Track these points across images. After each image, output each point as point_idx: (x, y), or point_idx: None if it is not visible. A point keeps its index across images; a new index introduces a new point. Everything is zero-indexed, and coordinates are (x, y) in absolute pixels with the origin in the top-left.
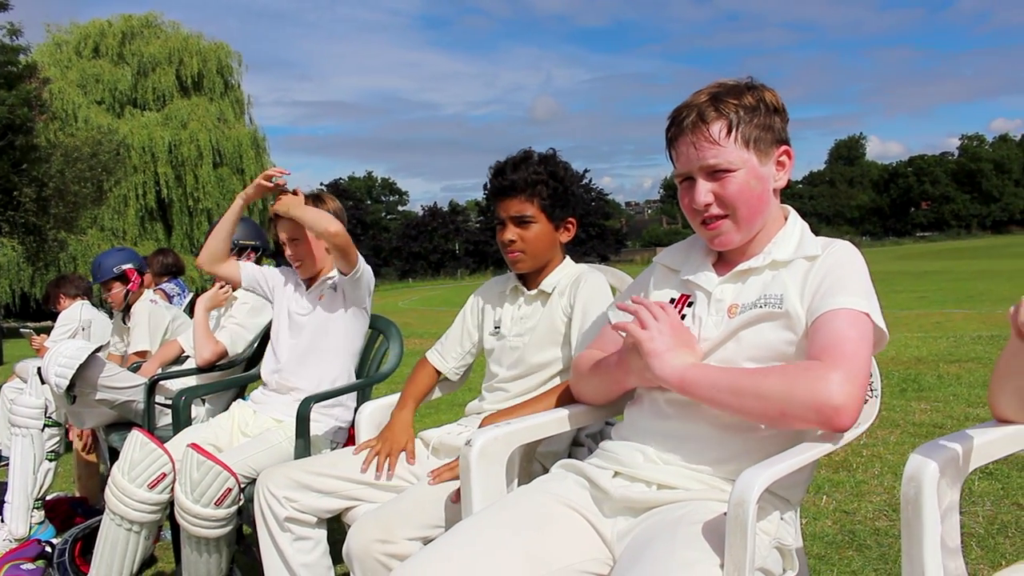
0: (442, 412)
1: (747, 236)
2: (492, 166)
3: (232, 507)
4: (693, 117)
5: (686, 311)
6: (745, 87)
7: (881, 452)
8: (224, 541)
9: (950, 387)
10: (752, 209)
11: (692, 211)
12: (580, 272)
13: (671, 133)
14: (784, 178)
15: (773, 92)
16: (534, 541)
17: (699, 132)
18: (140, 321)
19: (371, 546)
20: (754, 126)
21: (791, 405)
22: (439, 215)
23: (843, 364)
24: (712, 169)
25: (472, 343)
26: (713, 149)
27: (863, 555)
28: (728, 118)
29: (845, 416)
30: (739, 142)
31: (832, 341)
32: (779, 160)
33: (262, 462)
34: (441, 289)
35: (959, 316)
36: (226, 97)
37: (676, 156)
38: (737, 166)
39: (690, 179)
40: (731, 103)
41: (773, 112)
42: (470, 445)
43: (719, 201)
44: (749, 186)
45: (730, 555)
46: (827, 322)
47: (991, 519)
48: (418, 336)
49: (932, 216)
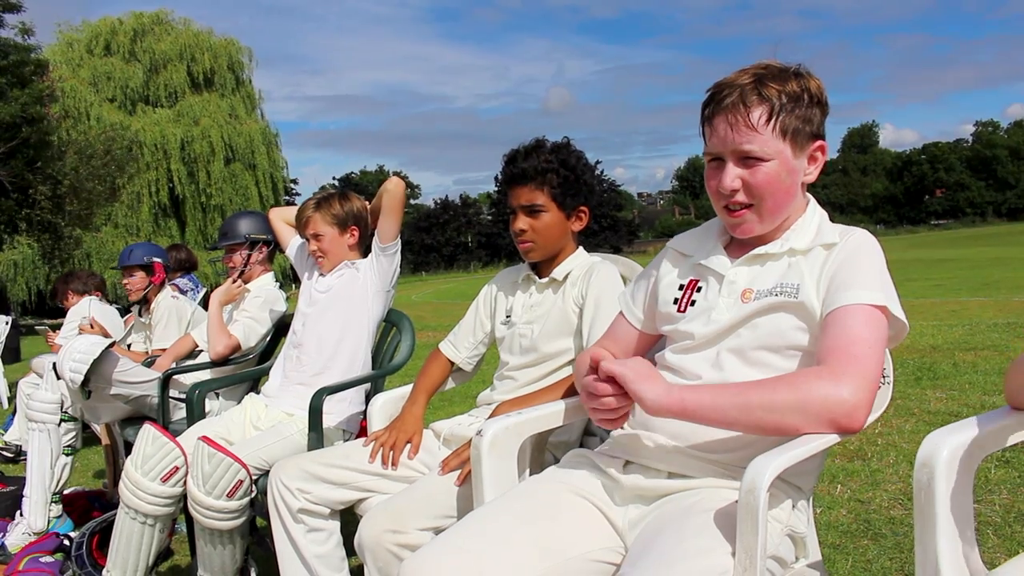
0: (455, 404)
1: (769, 227)
2: (505, 155)
3: (244, 499)
4: (735, 98)
5: (695, 296)
6: (793, 73)
7: (896, 441)
8: (237, 533)
9: (966, 375)
10: (778, 202)
11: (717, 194)
12: (592, 263)
13: (709, 110)
14: (815, 173)
15: (819, 82)
16: (546, 531)
17: (738, 114)
18: (166, 317)
19: (383, 536)
20: (795, 117)
21: (804, 416)
22: (451, 208)
23: (854, 369)
24: (745, 155)
25: (485, 333)
26: (749, 134)
27: (878, 544)
28: (771, 104)
29: (857, 421)
30: (776, 131)
31: (844, 342)
32: (812, 154)
33: (275, 454)
34: (454, 282)
35: (975, 304)
36: (237, 93)
37: (710, 134)
38: (770, 156)
39: (720, 160)
40: (775, 88)
41: (816, 104)
42: (481, 435)
43: (746, 188)
44: (779, 178)
45: (741, 543)
46: (841, 318)
47: (1008, 507)
48: (431, 329)
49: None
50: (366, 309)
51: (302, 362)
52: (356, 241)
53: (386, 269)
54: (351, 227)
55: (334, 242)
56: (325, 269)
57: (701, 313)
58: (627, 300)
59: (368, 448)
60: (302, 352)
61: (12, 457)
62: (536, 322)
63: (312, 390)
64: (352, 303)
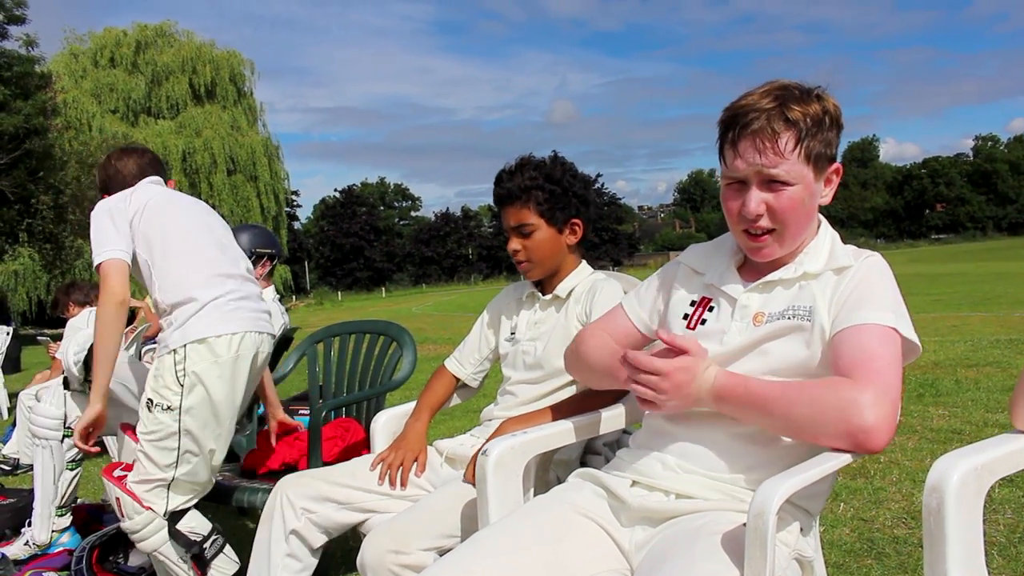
0: (456, 418)
1: (788, 250)
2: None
3: (138, 516)
4: (762, 122)
5: (706, 315)
6: (815, 96)
7: (899, 458)
8: (171, 558)
9: (968, 392)
10: (800, 226)
11: (738, 217)
12: (596, 280)
13: (734, 133)
14: (830, 195)
15: (836, 103)
16: (552, 552)
17: (766, 139)
18: None
19: (385, 557)
20: (818, 141)
21: (823, 430)
22: (452, 220)
23: (874, 385)
24: (771, 179)
25: (490, 349)
26: (778, 160)
27: (882, 564)
28: (798, 130)
29: (877, 440)
30: (802, 156)
31: (862, 358)
32: (828, 177)
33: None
34: (455, 294)
35: (976, 319)
36: (239, 105)
37: (733, 157)
38: (796, 181)
39: (741, 183)
40: (798, 112)
41: (835, 127)
42: (486, 455)
43: (770, 213)
44: (802, 202)
45: (749, 567)
46: (855, 336)
47: (1012, 527)
48: (432, 342)
49: (947, 218)
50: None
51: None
52: (105, 194)
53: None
54: (102, 193)
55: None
56: None
57: (713, 334)
58: (632, 301)
59: (374, 468)
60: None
61: (10, 470)
62: (540, 339)
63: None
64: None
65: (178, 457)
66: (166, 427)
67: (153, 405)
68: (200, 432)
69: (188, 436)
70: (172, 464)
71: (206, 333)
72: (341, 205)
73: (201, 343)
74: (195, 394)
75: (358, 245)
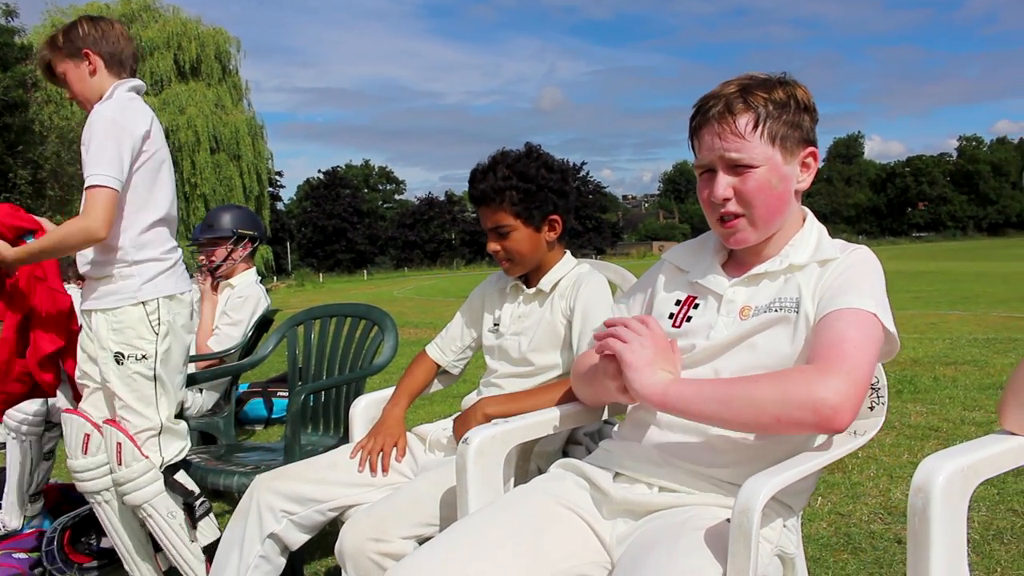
0: (435, 403)
1: (763, 236)
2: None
3: (136, 463)
4: (720, 107)
5: (692, 312)
6: (777, 82)
7: (876, 454)
8: (160, 511)
9: (946, 390)
10: (770, 208)
11: (709, 205)
12: (580, 273)
13: (696, 122)
14: (808, 180)
15: (805, 90)
16: (532, 544)
17: (724, 123)
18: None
19: (365, 545)
20: (782, 123)
21: (786, 407)
22: (436, 205)
23: (840, 363)
24: (734, 163)
25: (472, 338)
26: (737, 142)
27: (858, 558)
28: (756, 112)
29: (842, 416)
30: (764, 138)
31: (832, 340)
32: (804, 161)
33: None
34: (437, 279)
35: (954, 317)
36: (224, 83)
37: (699, 146)
38: (759, 163)
39: (711, 171)
40: (760, 96)
41: (803, 110)
42: (467, 443)
43: (737, 196)
44: (770, 184)
45: (733, 564)
46: (831, 321)
47: (987, 524)
48: (413, 326)
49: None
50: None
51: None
52: (97, 67)
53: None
54: (83, 51)
55: (76, 79)
56: (87, 108)
57: (700, 330)
58: (621, 309)
59: (354, 456)
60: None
61: None
62: (524, 334)
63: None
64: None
65: (157, 403)
66: (142, 376)
67: (125, 357)
68: (169, 379)
69: (160, 383)
70: (154, 411)
71: (175, 290)
72: (325, 187)
73: (171, 299)
74: (167, 342)
75: (341, 227)
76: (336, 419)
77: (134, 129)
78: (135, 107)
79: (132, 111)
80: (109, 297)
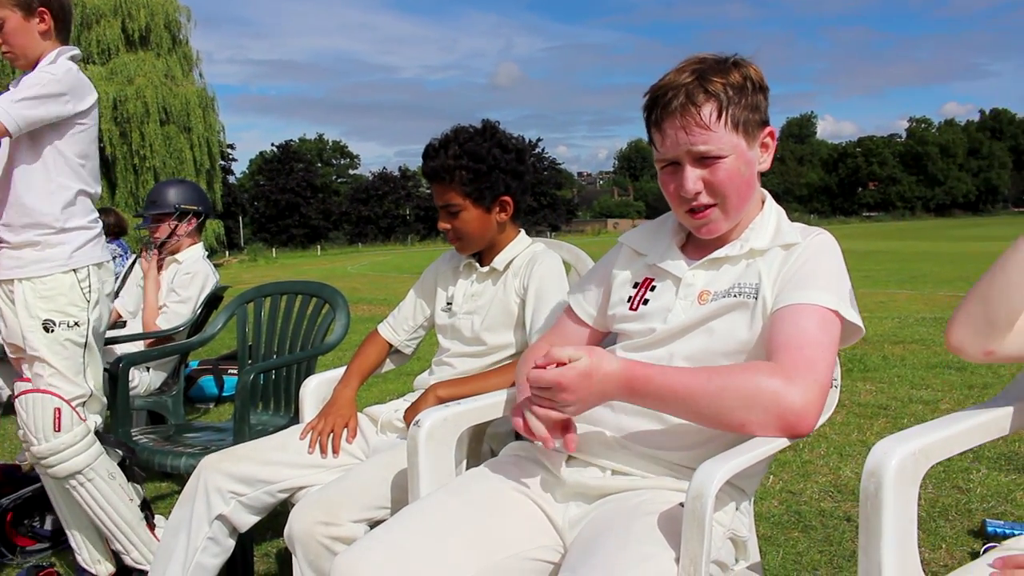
0: (389, 381)
1: (734, 223)
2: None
3: (77, 427)
4: (682, 99)
5: (648, 295)
6: (732, 64)
7: (827, 432)
8: (100, 475)
9: (894, 368)
10: (741, 196)
11: (679, 199)
12: (535, 252)
13: (655, 115)
14: (768, 160)
15: (756, 69)
16: (484, 528)
17: (688, 116)
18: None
19: (314, 529)
20: (742, 107)
21: (752, 412)
22: (390, 180)
23: (807, 370)
24: (702, 155)
25: (425, 317)
26: (704, 134)
27: (808, 536)
28: (719, 100)
29: (806, 424)
30: (729, 126)
31: (798, 342)
32: (763, 141)
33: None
34: (391, 255)
35: (903, 296)
36: (174, 53)
37: (661, 140)
38: (727, 152)
39: (675, 164)
40: (718, 82)
41: (758, 91)
42: (419, 425)
43: (708, 188)
44: (739, 172)
45: (686, 549)
46: (794, 316)
47: (932, 501)
48: (366, 302)
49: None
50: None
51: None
52: (49, 28)
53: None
54: (39, 9)
55: (20, 32)
56: (20, 65)
57: (656, 313)
58: (577, 296)
59: (304, 437)
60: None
61: None
62: (477, 313)
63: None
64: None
65: (85, 370)
66: (72, 342)
67: (56, 324)
68: (96, 345)
69: (89, 350)
70: (83, 379)
71: (102, 259)
72: (278, 160)
73: (99, 267)
74: (97, 309)
75: (294, 202)
76: (287, 398)
77: (74, 98)
78: (79, 78)
79: (77, 82)
80: (37, 264)
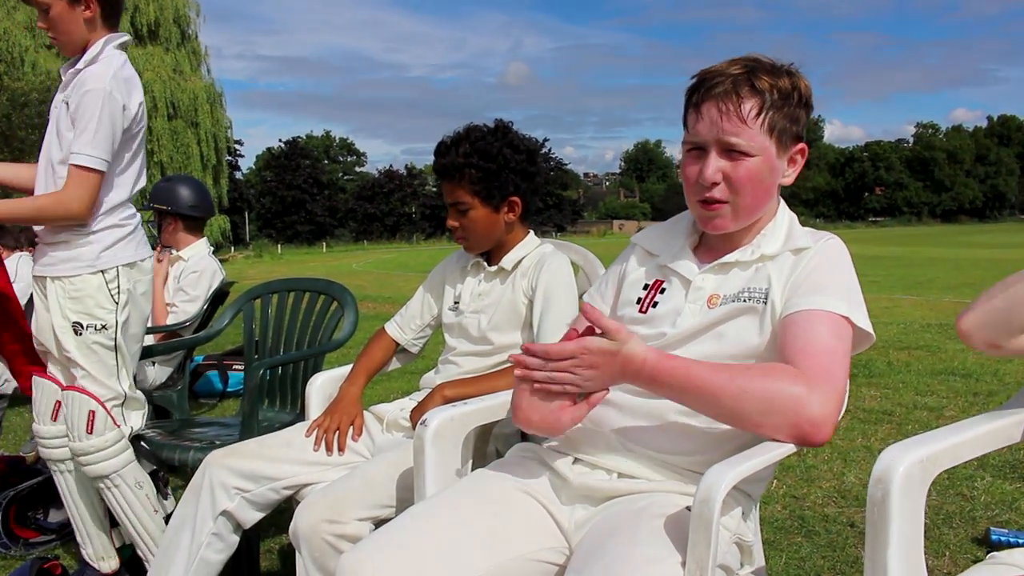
0: (393, 379)
1: (742, 225)
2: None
3: (109, 432)
4: (727, 86)
5: (658, 298)
6: (785, 71)
7: (831, 437)
8: (128, 482)
9: (899, 374)
10: (756, 200)
11: (695, 185)
12: (544, 253)
13: (697, 96)
14: (793, 175)
15: (808, 84)
16: (490, 529)
17: (730, 103)
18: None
19: (319, 526)
20: (783, 115)
21: (770, 417)
22: (396, 178)
23: (827, 380)
24: (730, 147)
25: (432, 316)
26: (739, 127)
27: (812, 541)
28: (762, 98)
29: (822, 435)
30: (764, 127)
31: (813, 349)
32: (793, 156)
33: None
34: (396, 252)
35: (908, 302)
36: (183, 48)
37: (695, 121)
38: (755, 152)
39: (701, 149)
40: (767, 82)
41: (803, 105)
42: (426, 425)
43: (727, 182)
44: (760, 175)
45: (693, 553)
46: (806, 322)
47: (936, 509)
48: (371, 300)
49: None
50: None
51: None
52: (95, 15)
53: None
54: None
55: (65, 18)
56: (67, 52)
57: (666, 316)
58: (596, 297)
59: (310, 435)
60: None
61: None
62: (484, 312)
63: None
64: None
65: (118, 373)
66: (102, 346)
67: (84, 327)
68: (129, 347)
69: (120, 353)
70: (116, 381)
71: (135, 257)
72: (285, 156)
73: (130, 267)
74: (126, 311)
75: (300, 198)
76: (293, 395)
77: (129, 106)
78: (129, 77)
79: (128, 83)
80: (65, 264)
